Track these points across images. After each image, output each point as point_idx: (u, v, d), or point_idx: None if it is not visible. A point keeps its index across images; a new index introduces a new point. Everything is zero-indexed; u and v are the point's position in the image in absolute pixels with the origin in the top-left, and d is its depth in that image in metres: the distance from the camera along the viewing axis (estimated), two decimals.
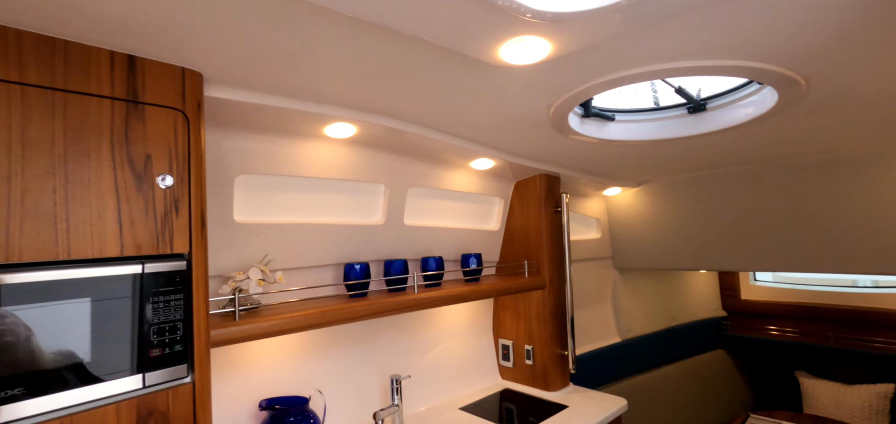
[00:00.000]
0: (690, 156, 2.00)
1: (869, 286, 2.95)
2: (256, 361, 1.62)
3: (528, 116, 1.47)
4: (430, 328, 2.16)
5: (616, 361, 2.86)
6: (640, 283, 3.17)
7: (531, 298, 2.24)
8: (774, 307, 3.32)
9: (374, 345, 1.95)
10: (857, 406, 2.76)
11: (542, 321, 2.19)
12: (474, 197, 2.27)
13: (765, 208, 2.22)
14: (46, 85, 0.88)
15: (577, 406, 2.00)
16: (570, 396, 2.12)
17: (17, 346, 0.80)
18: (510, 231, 2.37)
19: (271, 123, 1.41)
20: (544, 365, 2.18)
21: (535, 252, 2.24)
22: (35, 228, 0.84)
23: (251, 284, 1.45)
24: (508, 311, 2.36)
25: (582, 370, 2.65)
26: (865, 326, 2.92)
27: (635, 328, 3.06)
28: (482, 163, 1.99)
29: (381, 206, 1.89)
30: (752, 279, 3.48)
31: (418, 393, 2.05)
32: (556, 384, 2.19)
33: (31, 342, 0.81)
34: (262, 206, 1.58)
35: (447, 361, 2.19)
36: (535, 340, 2.21)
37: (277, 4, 0.84)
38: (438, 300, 1.75)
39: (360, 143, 1.67)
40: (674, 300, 3.35)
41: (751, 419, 2.62)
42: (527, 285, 2.11)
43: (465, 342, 2.30)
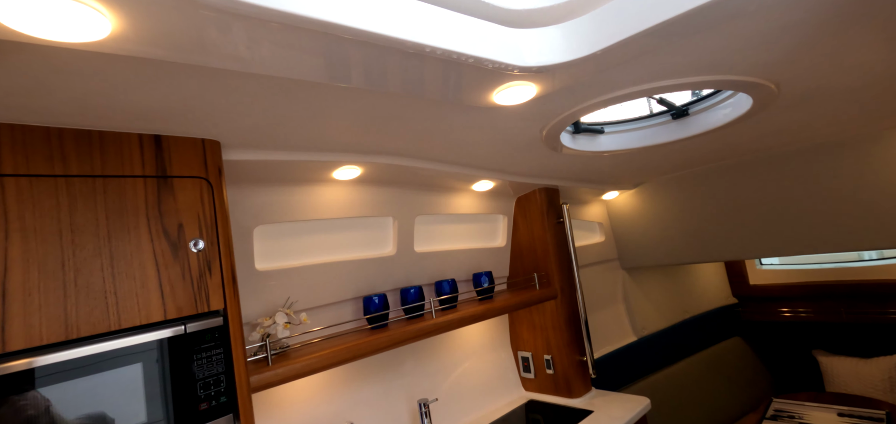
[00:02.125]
0: (680, 157, 2.08)
1: (875, 259, 2.99)
2: (291, 401, 1.68)
3: (522, 140, 1.56)
4: (451, 349, 2.22)
5: (635, 360, 2.89)
6: (648, 280, 3.21)
7: (545, 308, 2.30)
8: (783, 289, 3.35)
9: (400, 372, 2.00)
10: (878, 378, 2.78)
11: (557, 330, 2.24)
12: (479, 217, 2.35)
13: (758, 196, 2.28)
14: (87, 174, 0.97)
15: (602, 409, 2.04)
16: (594, 401, 2.17)
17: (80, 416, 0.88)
18: (517, 246, 2.44)
19: (283, 175, 1.50)
20: (565, 373, 2.22)
21: (543, 264, 2.31)
22: (89, 304, 0.92)
23: (278, 328, 1.52)
24: (524, 324, 2.41)
25: (603, 372, 2.69)
26: (876, 298, 2.94)
27: (650, 325, 3.09)
28: (483, 185, 2.08)
29: (392, 237, 1.97)
30: (759, 264, 3.51)
31: (447, 415, 2.10)
32: (579, 390, 2.23)
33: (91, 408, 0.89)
34: (280, 252, 1.67)
35: (471, 379, 2.25)
36: (553, 349, 2.26)
37: (288, 82, 0.93)
38: (457, 323, 1.82)
39: (367, 181, 1.76)
40: (684, 293, 3.39)
41: (774, 402, 2.64)
42: (539, 296, 2.17)
43: (486, 358, 2.35)
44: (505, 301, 2.02)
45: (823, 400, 2.60)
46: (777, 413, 2.50)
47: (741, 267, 3.59)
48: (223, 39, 0.73)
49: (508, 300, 2.03)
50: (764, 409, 2.59)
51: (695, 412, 2.95)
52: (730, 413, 3.12)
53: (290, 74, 0.88)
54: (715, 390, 3.12)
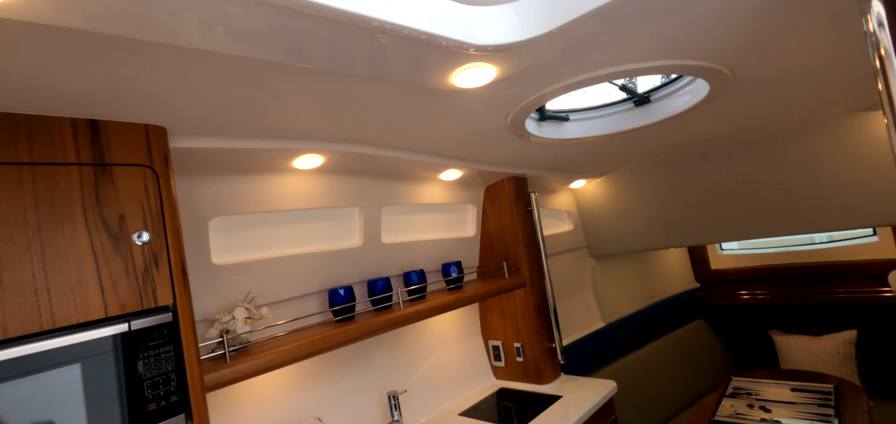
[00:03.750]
0: (644, 145, 2.12)
1: (824, 242, 3.15)
2: (255, 398, 1.62)
3: (487, 127, 1.54)
4: (422, 340, 2.20)
5: (603, 345, 2.96)
6: (616, 267, 3.29)
7: (514, 297, 2.31)
8: (742, 273, 3.50)
9: (369, 365, 1.97)
10: (828, 354, 2.94)
11: (527, 318, 2.26)
12: (448, 207, 2.33)
13: (719, 183, 2.36)
14: (12, 161, 0.89)
15: (571, 394, 2.08)
16: (564, 386, 2.20)
17: None
18: (486, 235, 2.44)
19: (240, 164, 1.44)
20: (535, 360, 2.25)
21: (512, 253, 2.31)
22: (16, 302, 0.85)
23: (237, 323, 1.46)
24: (494, 313, 2.42)
25: (572, 358, 2.73)
26: (826, 279, 3.11)
27: (618, 310, 3.17)
28: (451, 174, 2.06)
29: (358, 228, 1.93)
30: (719, 249, 3.66)
31: (418, 406, 2.09)
32: (549, 376, 2.26)
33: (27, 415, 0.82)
34: (240, 245, 1.60)
35: (442, 370, 2.24)
36: (523, 337, 2.28)
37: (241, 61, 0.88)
38: (425, 313, 1.80)
39: (330, 170, 1.71)
40: (650, 279, 3.49)
41: (733, 381, 2.75)
42: (508, 285, 2.18)
43: (457, 348, 2.34)
44: (474, 291, 2.02)
45: (778, 377, 2.73)
46: (736, 390, 2.61)
47: (703, 253, 3.72)
48: (169, 18, 0.68)
49: (477, 290, 2.03)
50: (723, 387, 2.70)
51: (660, 394, 3.05)
52: (693, 393, 3.24)
53: (234, 51, 0.83)
54: (679, 372, 3.24)
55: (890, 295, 2.86)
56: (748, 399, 2.48)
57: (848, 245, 3.02)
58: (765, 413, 2.30)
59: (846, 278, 3.02)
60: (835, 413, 2.16)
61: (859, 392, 2.39)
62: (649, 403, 2.96)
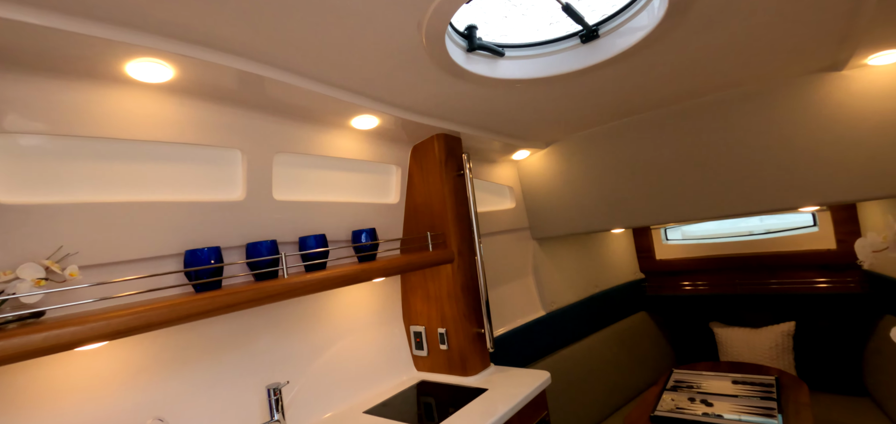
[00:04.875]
0: (592, 98, 1.86)
1: (762, 233, 3.09)
2: (59, 393, 1.18)
3: (398, 42, 1.20)
4: (326, 323, 1.82)
5: (543, 335, 2.71)
6: (560, 252, 3.06)
7: (440, 275, 1.99)
8: (686, 263, 3.39)
9: (250, 352, 1.57)
10: (766, 346, 2.86)
11: (453, 299, 1.94)
12: (367, 166, 1.97)
13: (672, 157, 2.16)
14: None
15: (498, 387, 1.78)
16: (492, 378, 1.90)
17: None
18: (412, 204, 2.10)
19: (40, 56, 1.00)
20: (461, 348, 1.93)
21: (439, 223, 1.99)
22: None
23: (24, 285, 1.03)
24: (418, 294, 2.09)
25: (509, 349, 2.46)
26: (767, 269, 3.04)
27: (559, 299, 2.94)
28: (365, 121, 1.70)
29: (240, 177, 1.52)
30: (664, 239, 3.54)
31: (315, 401, 1.71)
32: (475, 366, 1.96)
33: None
34: (52, 179, 1.16)
35: (350, 359, 1.87)
36: (449, 321, 1.96)
37: None
38: (318, 284, 1.43)
39: (192, 92, 1.30)
40: (595, 268, 3.30)
41: (674, 373, 2.59)
42: (432, 259, 1.85)
43: (372, 335, 1.99)
44: (387, 262, 1.67)
45: (719, 369, 2.60)
46: (677, 383, 2.44)
47: (648, 242, 3.60)
48: None
49: (392, 261, 1.69)
50: (665, 380, 2.53)
51: (600, 387, 2.85)
52: (635, 386, 3.07)
53: None
54: (621, 365, 3.06)
55: (825, 286, 2.81)
56: (689, 393, 2.31)
57: (789, 236, 2.96)
58: (707, 407, 2.12)
59: (787, 268, 2.96)
60: (777, 406, 2.01)
61: (800, 384, 2.28)
62: (588, 397, 2.75)
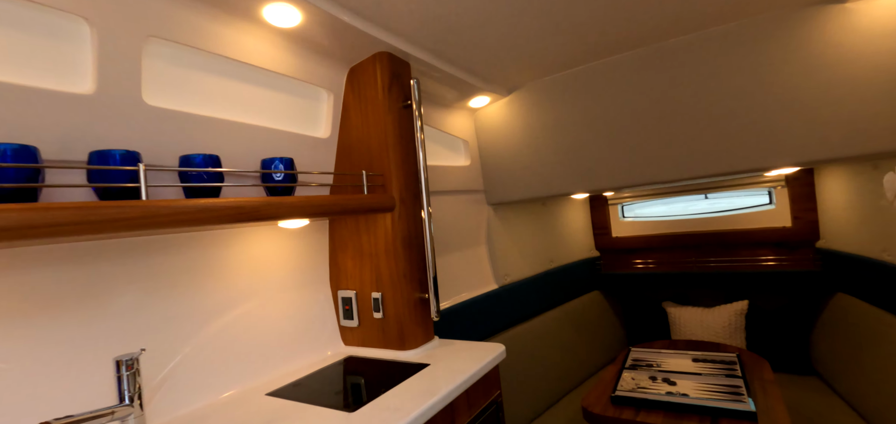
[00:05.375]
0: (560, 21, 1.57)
1: (722, 211, 3.00)
2: None
3: None
4: (221, 281, 1.40)
5: (494, 311, 2.42)
6: (516, 222, 2.79)
7: (377, 226, 1.62)
8: (642, 241, 3.26)
9: (102, 313, 1.12)
10: (719, 326, 2.77)
11: (392, 257, 1.58)
12: (289, 85, 1.55)
13: (644, 109, 1.93)
14: None
15: (443, 361, 1.45)
16: (435, 352, 1.57)
17: None
18: (346, 141, 1.71)
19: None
20: (398, 316, 1.58)
21: (378, 162, 1.62)
22: None
23: None
24: (349, 251, 1.71)
25: (455, 325, 2.14)
26: (723, 247, 2.96)
27: (513, 272, 2.67)
28: (281, 11, 1.28)
29: (90, 63, 1.06)
30: (621, 216, 3.40)
31: (203, 381, 1.29)
32: (417, 338, 1.61)
33: None
34: None
35: (256, 330, 1.46)
36: (385, 283, 1.60)
37: None
38: (199, 214, 1.01)
39: None
40: (551, 242, 3.08)
41: (632, 351, 2.41)
42: (367, 203, 1.47)
43: (288, 300, 1.58)
44: (307, 200, 1.27)
45: (677, 347, 2.45)
46: (635, 362, 2.25)
47: (605, 219, 3.43)
48: None
49: (313, 200, 1.29)
50: (623, 359, 2.34)
51: (554, 368, 2.63)
52: (587, 368, 2.89)
53: None
54: (574, 345, 2.86)
55: (780, 264, 2.76)
56: (650, 371, 2.12)
57: (745, 214, 2.88)
58: (670, 386, 1.93)
59: (742, 246, 2.89)
60: (744, 383, 1.86)
61: (761, 361, 2.16)
62: (541, 379, 2.51)
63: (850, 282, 2.28)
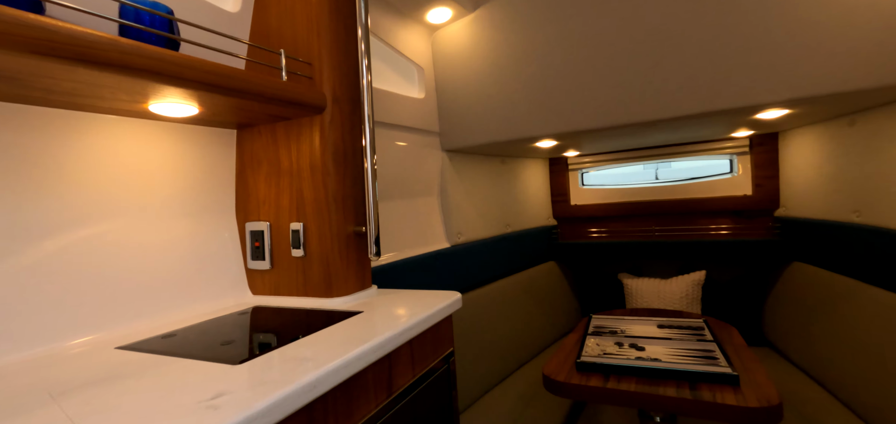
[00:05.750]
0: None
1: (683, 179, 2.90)
2: None
3: None
4: (67, 185, 0.95)
5: (444, 272, 2.11)
6: (473, 177, 2.49)
7: (301, 135, 1.23)
8: (601, 209, 3.10)
9: None
10: (677, 296, 2.66)
11: (320, 175, 1.20)
12: None
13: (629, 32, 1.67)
14: None
15: (380, 309, 1.10)
16: (373, 301, 1.21)
17: None
18: (263, 21, 1.29)
19: None
20: (325, 255, 1.21)
21: (304, 46, 1.22)
22: None
23: None
24: (262, 170, 1.30)
25: (399, 284, 1.80)
26: (680, 217, 2.86)
27: (468, 231, 2.37)
28: None
29: None
30: (581, 183, 3.21)
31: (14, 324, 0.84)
32: (348, 283, 1.25)
33: None
34: None
35: (117, 264, 1.03)
36: (310, 211, 1.22)
37: None
38: None
39: None
40: (509, 204, 2.81)
41: (593, 319, 2.21)
42: (289, 93, 1.08)
43: (171, 228, 1.15)
44: (194, 62, 0.86)
45: (639, 314, 2.28)
46: (598, 328, 2.04)
47: (564, 185, 3.23)
48: None
49: (204, 64, 0.88)
50: (585, 326, 2.12)
51: (509, 339, 2.37)
52: (542, 339, 2.67)
53: None
54: (529, 314, 2.62)
55: (737, 233, 2.69)
56: (615, 338, 1.91)
57: (706, 182, 2.79)
58: (638, 350, 1.72)
59: (701, 215, 2.80)
60: (719, 346, 1.69)
61: (728, 327, 2.03)
62: (494, 347, 2.24)
63: (807, 250, 2.22)
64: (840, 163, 1.96)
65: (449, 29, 2.02)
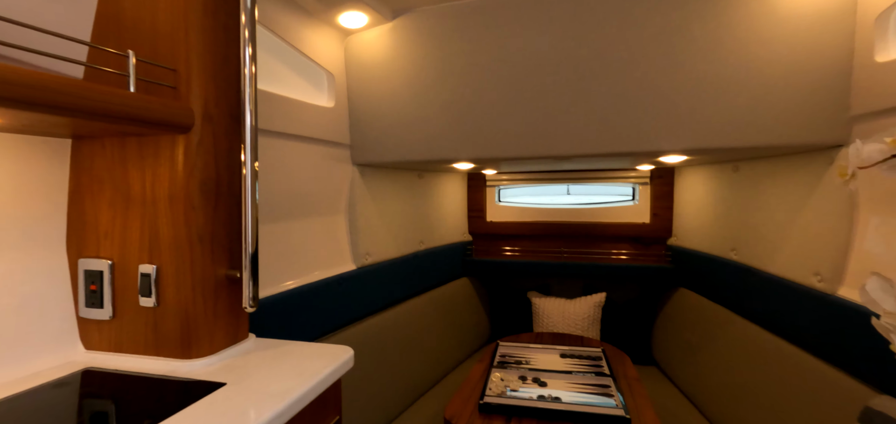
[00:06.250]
0: None
1: (590, 203, 3.03)
2: None
3: None
4: None
5: (348, 297, 1.94)
6: (386, 192, 2.34)
7: (159, 157, 0.99)
8: (515, 228, 3.14)
9: None
10: (580, 317, 2.77)
11: (182, 208, 0.97)
12: None
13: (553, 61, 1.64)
14: None
15: (251, 377, 0.92)
16: (243, 361, 1.02)
17: None
18: (111, 9, 1.01)
19: None
20: (184, 306, 0.98)
21: (167, 51, 0.98)
22: None
23: None
24: (104, 195, 1.03)
25: (293, 315, 1.60)
26: (586, 240, 2.99)
27: (376, 252, 2.22)
28: None
29: None
30: (498, 199, 3.23)
31: None
32: (214, 340, 1.04)
33: None
34: None
35: None
36: (166, 250, 0.99)
37: None
38: None
39: None
40: (424, 221, 2.71)
41: (500, 346, 2.20)
42: (131, 109, 0.84)
43: None
44: None
45: (543, 341, 2.32)
46: (503, 358, 2.03)
47: (481, 201, 3.22)
48: None
49: (17, 72, 0.63)
50: (491, 355, 2.10)
51: (414, 362, 2.27)
52: (451, 360, 2.62)
53: None
54: (438, 335, 2.55)
55: (628, 259, 2.87)
56: (519, 370, 1.90)
57: (610, 207, 2.94)
58: (540, 387, 1.72)
59: (604, 240, 2.95)
60: (614, 383, 1.74)
61: (622, 355, 2.13)
62: (399, 375, 2.13)
63: (693, 278, 2.42)
64: (724, 203, 2.15)
65: (364, 36, 1.85)
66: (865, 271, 1.34)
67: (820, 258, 1.49)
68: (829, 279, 1.44)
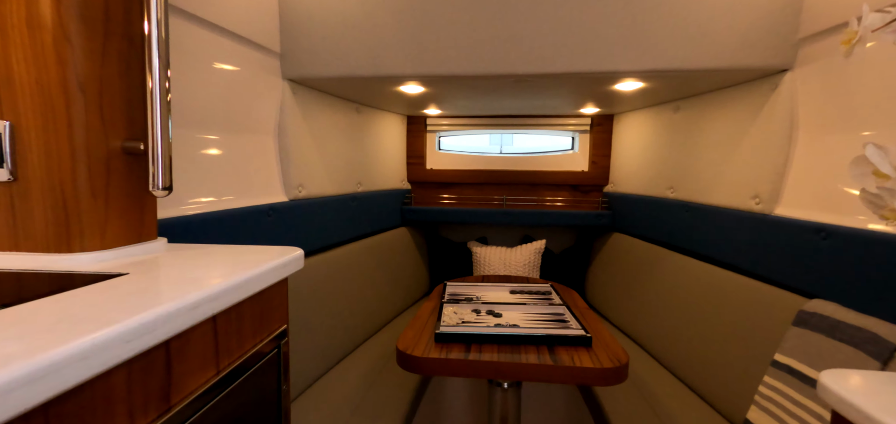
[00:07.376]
0: None
1: (529, 152, 3.02)
2: None
3: None
4: None
5: (278, 232, 1.68)
6: (322, 119, 2.08)
7: None
8: (454, 176, 3.03)
9: None
10: (520, 264, 2.76)
11: (51, 36, 0.68)
12: None
13: None
14: None
15: (164, 268, 0.68)
16: (148, 258, 0.76)
17: None
18: None
19: None
20: (59, 183, 0.70)
21: None
22: None
23: None
24: None
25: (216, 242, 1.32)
26: (525, 187, 2.98)
27: (311, 185, 1.96)
28: None
29: None
30: (438, 147, 3.08)
31: None
32: (107, 233, 0.77)
33: None
34: None
35: None
36: (26, 101, 0.69)
37: None
38: None
39: None
40: (362, 160, 2.48)
41: (448, 286, 2.09)
42: None
43: None
44: None
45: (489, 280, 2.25)
46: (453, 296, 1.92)
47: (422, 147, 3.05)
48: None
49: None
50: (441, 293, 1.98)
51: (353, 309, 2.08)
52: (392, 308, 2.46)
53: None
54: (377, 284, 2.37)
55: (566, 206, 2.93)
56: (472, 305, 1.80)
57: (549, 156, 2.95)
58: (496, 317, 1.64)
59: (543, 187, 2.96)
60: (568, 309, 1.72)
61: (570, 290, 2.13)
62: (336, 321, 1.93)
63: (628, 222, 2.52)
64: (663, 146, 2.23)
65: None
66: (802, 189, 1.42)
67: (758, 182, 1.57)
68: (767, 199, 1.52)
